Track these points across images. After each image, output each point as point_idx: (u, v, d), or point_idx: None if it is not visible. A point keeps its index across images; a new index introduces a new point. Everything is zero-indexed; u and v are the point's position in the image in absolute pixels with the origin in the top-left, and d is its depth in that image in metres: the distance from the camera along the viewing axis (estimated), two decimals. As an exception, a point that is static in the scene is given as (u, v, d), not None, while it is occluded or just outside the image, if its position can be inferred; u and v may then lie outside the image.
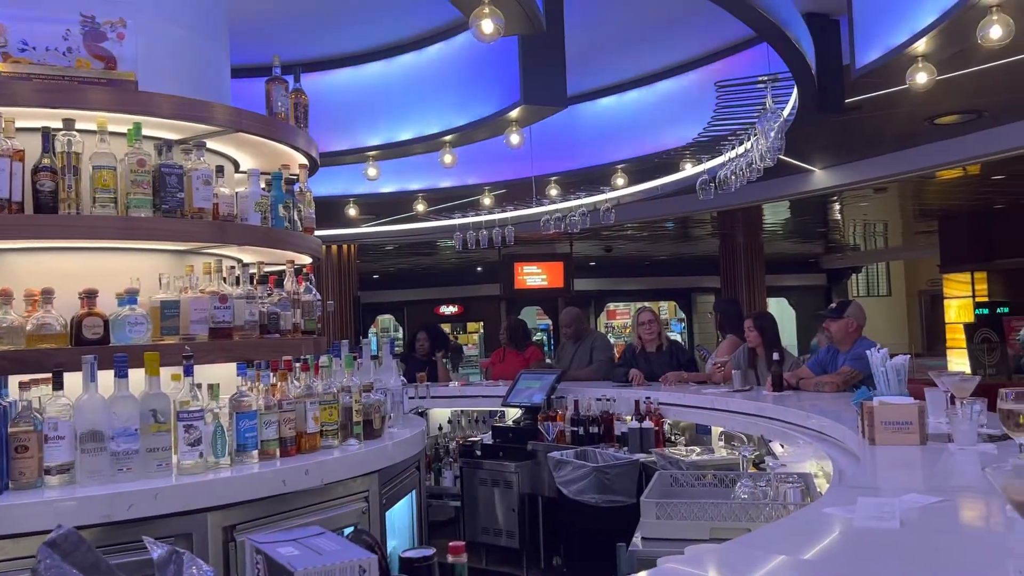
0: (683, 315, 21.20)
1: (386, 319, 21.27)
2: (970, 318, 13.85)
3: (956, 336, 14.29)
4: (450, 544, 1.62)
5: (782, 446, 3.79)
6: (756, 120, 4.18)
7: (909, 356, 3.14)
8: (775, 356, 4.92)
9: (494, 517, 5.57)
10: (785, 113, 4.19)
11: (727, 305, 6.41)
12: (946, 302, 15.61)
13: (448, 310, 20.13)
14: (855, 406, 3.02)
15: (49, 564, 1.29)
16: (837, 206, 14.57)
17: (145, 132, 3.12)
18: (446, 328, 13.00)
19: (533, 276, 15.67)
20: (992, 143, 8.06)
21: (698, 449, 4.53)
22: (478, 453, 5.72)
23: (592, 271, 19.36)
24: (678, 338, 16.54)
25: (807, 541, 1.75)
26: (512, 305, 17.46)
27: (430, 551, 1.62)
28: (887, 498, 1.95)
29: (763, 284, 14.05)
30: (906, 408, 2.69)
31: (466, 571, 1.61)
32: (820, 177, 9.99)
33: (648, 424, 4.93)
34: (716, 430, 4.88)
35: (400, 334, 19.87)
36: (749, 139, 4.58)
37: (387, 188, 7.46)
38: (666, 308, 21.95)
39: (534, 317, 19.44)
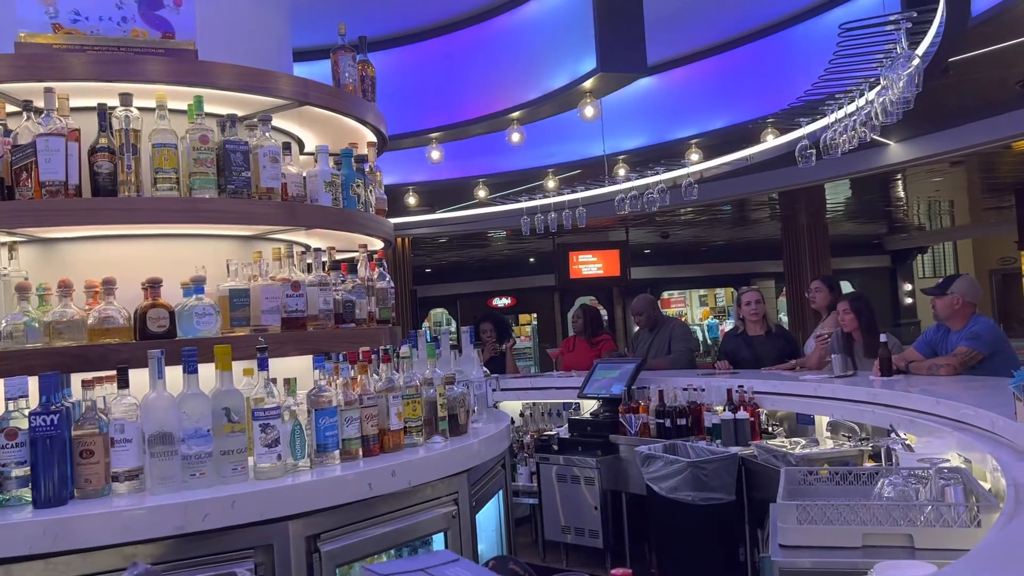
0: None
1: (438, 312, 21.06)
2: (1053, 296, 13.14)
3: (1040, 316, 13.58)
4: (613, 572, 1.32)
5: (903, 436, 3.39)
6: (877, 71, 3.77)
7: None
8: (882, 338, 4.51)
9: (575, 515, 5.25)
10: (920, 52, 3.74)
11: (831, 280, 5.88)
12: (1025, 280, 14.87)
13: (501, 302, 19.82)
14: (1013, 389, 2.63)
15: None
16: (901, 184, 13.85)
17: (206, 108, 2.87)
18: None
19: (588, 265, 15.25)
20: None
21: (803, 441, 4.14)
22: (555, 448, 5.40)
23: (647, 259, 18.88)
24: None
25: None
26: (566, 295, 17.10)
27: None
28: None
29: (829, 267, 13.44)
30: (1088, 391, 2.31)
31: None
32: (895, 151, 9.34)
33: (743, 414, 4.56)
34: (821, 420, 4.49)
35: (453, 327, 19.65)
36: (862, 95, 4.16)
37: (447, 175, 7.17)
38: (723, 295, 21.35)
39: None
